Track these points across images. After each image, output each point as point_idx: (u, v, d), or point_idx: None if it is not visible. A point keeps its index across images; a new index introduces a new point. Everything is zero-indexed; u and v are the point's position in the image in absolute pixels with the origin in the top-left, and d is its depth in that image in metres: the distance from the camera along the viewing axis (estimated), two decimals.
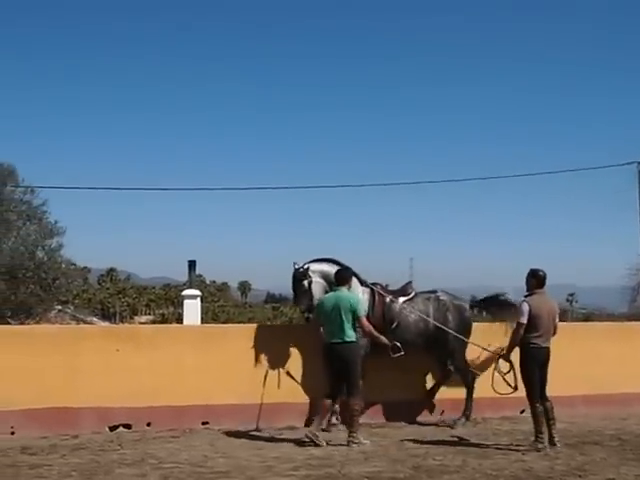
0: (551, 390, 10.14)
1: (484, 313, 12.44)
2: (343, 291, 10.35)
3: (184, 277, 10.44)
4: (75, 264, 21.62)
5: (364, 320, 10.29)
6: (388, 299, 11.46)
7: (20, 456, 9.41)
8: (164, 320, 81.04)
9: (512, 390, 10.51)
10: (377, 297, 11.39)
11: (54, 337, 11.15)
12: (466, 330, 11.77)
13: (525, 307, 9.98)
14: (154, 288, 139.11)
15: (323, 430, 10.44)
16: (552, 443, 9.95)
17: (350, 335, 10.11)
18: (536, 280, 10.18)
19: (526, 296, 10.18)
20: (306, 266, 11.02)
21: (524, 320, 9.95)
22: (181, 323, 18.48)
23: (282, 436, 10.72)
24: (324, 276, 11.03)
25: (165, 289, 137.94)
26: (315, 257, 11.27)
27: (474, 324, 12.05)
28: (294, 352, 11.53)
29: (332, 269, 10.92)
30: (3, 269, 19.89)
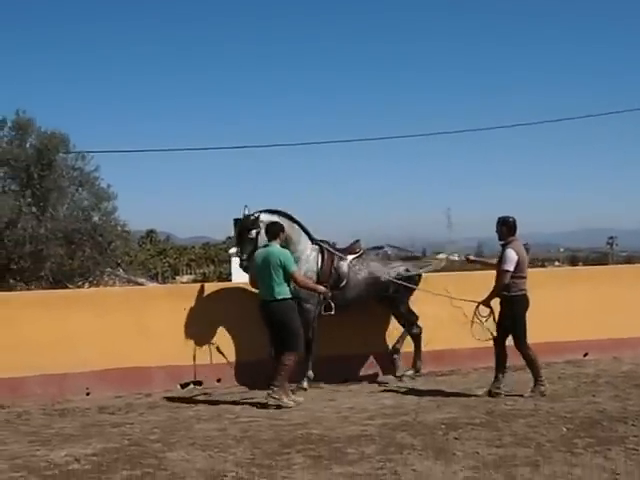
0: (619, 331, 10.13)
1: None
2: (274, 246, 9.98)
3: (222, 236, 10.41)
4: (127, 227, 21.81)
5: (297, 275, 9.99)
6: (337, 257, 11.24)
7: (99, 415, 9.65)
8: (205, 279, 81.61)
9: (490, 337, 10.12)
10: (326, 255, 11.17)
11: (123, 299, 11.37)
12: (414, 282, 11.61)
13: (512, 254, 9.79)
14: (193, 248, 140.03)
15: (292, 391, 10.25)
16: (541, 391, 9.89)
17: (279, 292, 9.79)
18: (507, 227, 10.01)
19: (506, 244, 9.97)
20: (257, 214, 10.64)
21: (511, 267, 9.75)
22: (224, 281, 18.60)
23: (350, 388, 10.90)
24: None
25: (204, 248, 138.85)
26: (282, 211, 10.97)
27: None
28: None
29: (284, 223, 10.57)
30: (60, 234, 20.16)
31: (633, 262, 58.12)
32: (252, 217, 10.60)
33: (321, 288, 10.43)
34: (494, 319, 10.14)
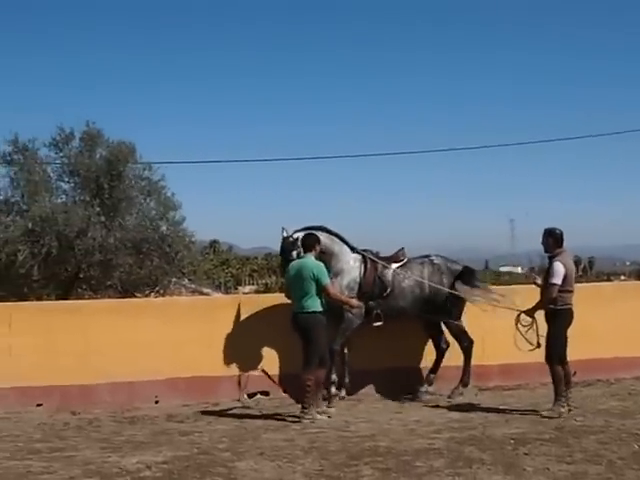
0: None
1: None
2: (308, 258, 9.96)
3: None
4: (194, 237, 22.02)
5: (330, 288, 9.89)
6: (380, 266, 11.11)
7: (168, 423, 9.76)
8: (267, 289, 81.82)
9: (533, 347, 9.89)
10: (369, 264, 11.05)
11: (191, 308, 11.52)
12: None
13: (560, 267, 9.54)
14: (256, 258, 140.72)
15: (327, 403, 10.35)
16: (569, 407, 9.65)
17: (309, 305, 9.73)
18: (553, 239, 9.77)
19: (553, 256, 9.74)
20: (295, 236, 10.56)
21: (559, 281, 9.51)
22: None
23: (415, 401, 10.86)
24: None
25: (267, 259, 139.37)
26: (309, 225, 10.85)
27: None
28: None
29: (321, 237, 10.50)
30: (128, 244, 20.40)
31: None
32: (291, 239, 10.59)
33: (354, 302, 10.38)
34: (536, 330, 9.90)
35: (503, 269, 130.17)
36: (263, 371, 11.17)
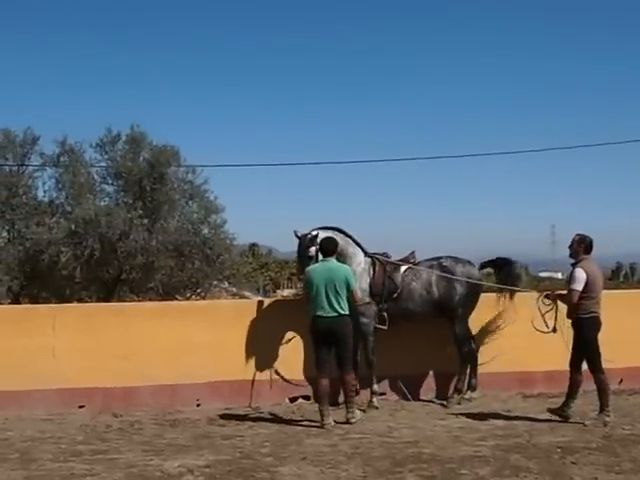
0: None
1: (494, 275, 11.71)
2: (333, 262, 10.02)
3: None
4: (235, 240, 22.10)
5: (357, 293, 10.11)
6: (390, 268, 11.03)
7: (210, 427, 9.72)
8: None
9: (549, 330, 9.86)
10: (378, 266, 11.00)
11: (234, 311, 11.48)
12: (474, 296, 11.20)
13: (581, 273, 9.37)
14: (294, 262, 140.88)
15: (362, 410, 10.28)
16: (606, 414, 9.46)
17: (344, 308, 9.80)
18: (584, 246, 9.61)
19: (576, 262, 9.59)
20: (314, 232, 10.58)
21: (579, 287, 9.34)
22: None
23: (458, 406, 10.73)
24: None
25: None
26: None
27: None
28: None
29: (337, 238, 10.56)
30: (170, 246, 20.53)
31: None
32: (310, 235, 10.60)
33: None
34: (555, 314, 9.84)
35: (543, 274, 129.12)
36: (276, 372, 11.09)
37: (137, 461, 7.88)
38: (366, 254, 11.11)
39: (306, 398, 11.12)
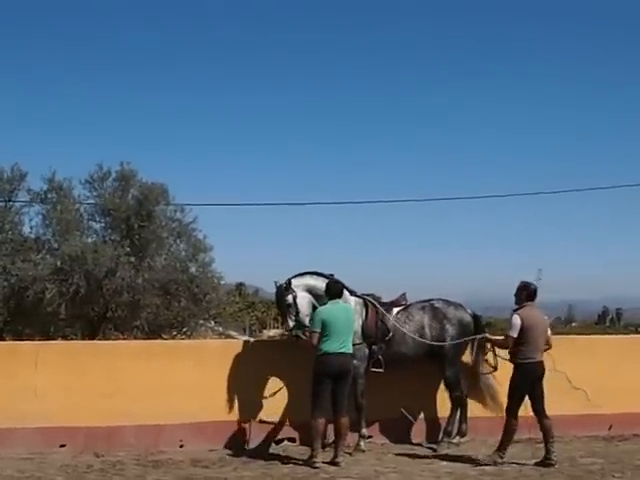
0: None
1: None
2: (345, 304, 10.36)
3: None
4: (222, 279, 21.94)
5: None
6: (381, 310, 10.93)
7: (193, 469, 9.57)
8: None
9: (492, 370, 10.67)
10: (370, 308, 10.91)
11: (221, 351, 11.31)
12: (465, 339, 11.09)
13: (517, 320, 9.65)
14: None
15: (349, 454, 10.20)
16: (549, 462, 9.57)
17: (350, 349, 10.04)
18: (527, 292, 9.90)
19: (516, 309, 9.84)
20: (287, 281, 10.60)
21: (514, 334, 9.64)
22: None
23: (445, 451, 10.57)
24: (309, 289, 10.63)
25: None
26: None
27: None
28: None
29: (317, 282, 10.62)
30: (157, 284, 20.33)
31: None
32: (284, 284, 10.61)
33: None
34: (494, 354, 10.62)
35: None
36: (261, 421, 10.92)
37: None
38: (355, 295, 11.00)
39: (291, 440, 10.95)
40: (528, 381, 9.75)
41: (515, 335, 9.65)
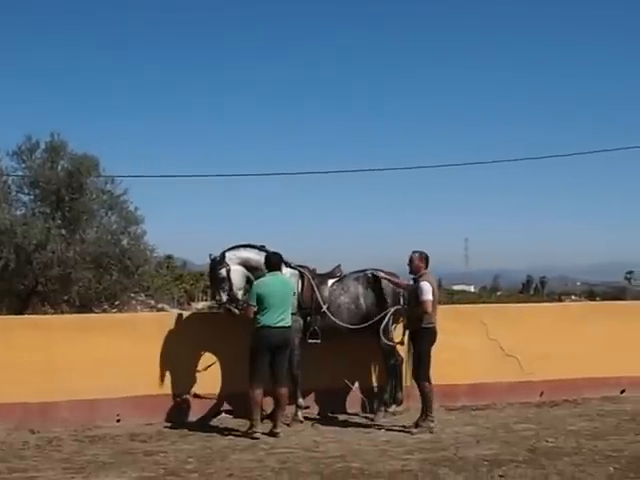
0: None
1: None
2: (283, 275, 10.32)
3: None
4: (155, 252, 21.75)
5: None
6: (317, 281, 10.96)
7: (131, 443, 9.48)
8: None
9: (398, 342, 10.68)
10: (306, 280, 10.92)
11: (156, 324, 11.19)
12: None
13: (427, 285, 9.89)
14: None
15: (287, 424, 10.26)
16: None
17: (290, 321, 10.05)
18: (425, 260, 10.20)
19: (420, 277, 10.05)
20: (221, 254, 10.54)
21: (431, 297, 9.85)
22: None
23: (382, 420, 10.64)
24: (243, 262, 10.59)
25: None
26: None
27: None
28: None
29: (250, 254, 10.60)
30: (88, 258, 20.07)
31: None
32: (217, 258, 10.52)
33: None
34: (404, 331, 10.57)
35: (456, 287, 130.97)
36: (196, 395, 10.86)
37: (58, 479, 7.62)
38: (290, 267, 10.95)
39: (229, 412, 10.93)
40: (432, 344, 9.99)
41: (432, 298, 9.82)
